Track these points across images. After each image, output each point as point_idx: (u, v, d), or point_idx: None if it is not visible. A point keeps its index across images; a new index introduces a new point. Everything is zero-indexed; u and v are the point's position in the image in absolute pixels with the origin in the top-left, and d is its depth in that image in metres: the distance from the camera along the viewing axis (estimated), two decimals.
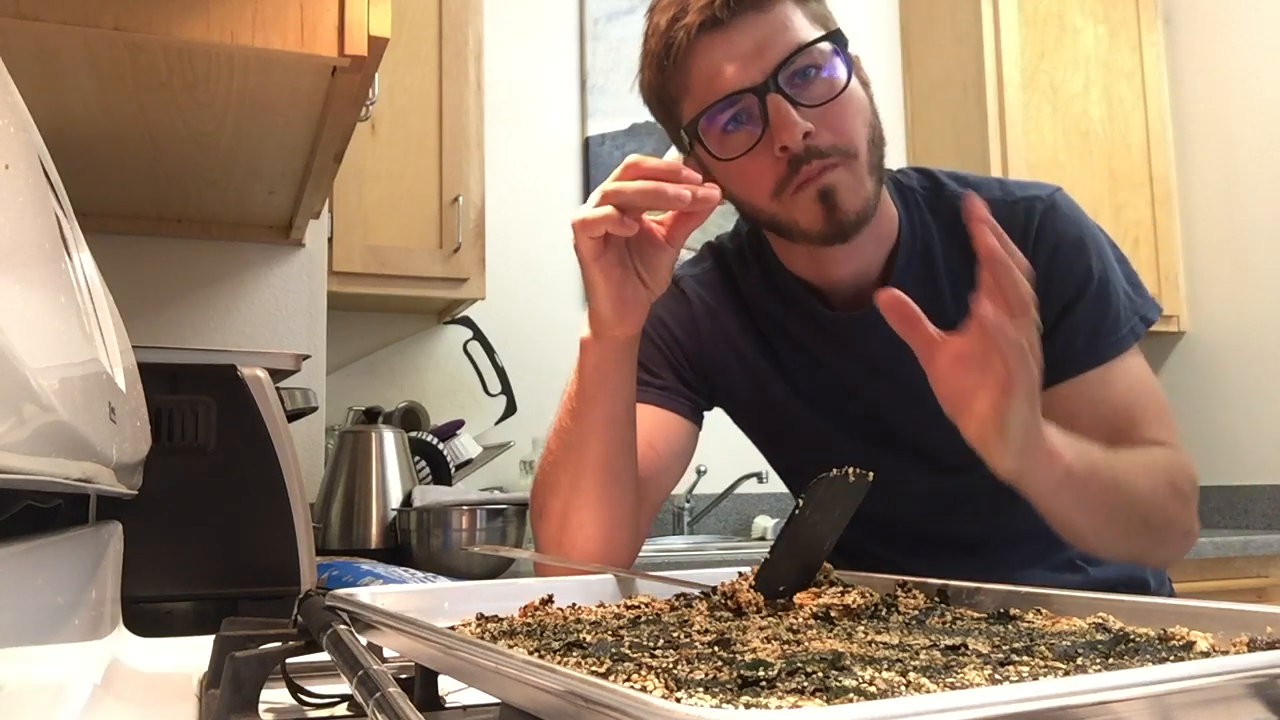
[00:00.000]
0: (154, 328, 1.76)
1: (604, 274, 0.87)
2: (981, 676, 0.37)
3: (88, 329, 0.54)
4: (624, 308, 0.89)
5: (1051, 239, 0.98)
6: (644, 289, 0.89)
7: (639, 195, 0.80)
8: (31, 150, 0.50)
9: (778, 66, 0.90)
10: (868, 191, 0.94)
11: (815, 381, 1.07)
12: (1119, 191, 2.89)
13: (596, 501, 0.94)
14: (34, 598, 0.50)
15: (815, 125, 0.90)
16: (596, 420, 0.93)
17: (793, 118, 0.89)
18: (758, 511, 2.69)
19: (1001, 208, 1.01)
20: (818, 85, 0.92)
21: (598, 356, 0.92)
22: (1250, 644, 0.42)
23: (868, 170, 0.94)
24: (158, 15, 0.99)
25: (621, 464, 0.95)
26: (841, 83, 0.92)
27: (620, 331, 0.91)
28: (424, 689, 0.50)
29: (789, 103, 0.90)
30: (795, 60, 0.91)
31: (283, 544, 1.03)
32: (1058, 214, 1.00)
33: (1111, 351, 0.97)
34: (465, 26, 2.26)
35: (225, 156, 1.39)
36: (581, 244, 0.86)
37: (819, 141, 0.91)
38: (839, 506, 0.60)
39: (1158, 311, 1.03)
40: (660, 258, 0.88)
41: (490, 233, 2.34)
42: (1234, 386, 2.81)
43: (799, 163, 0.91)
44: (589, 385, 0.93)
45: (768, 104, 0.90)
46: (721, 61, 0.92)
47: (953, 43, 2.88)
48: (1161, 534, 0.94)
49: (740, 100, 0.92)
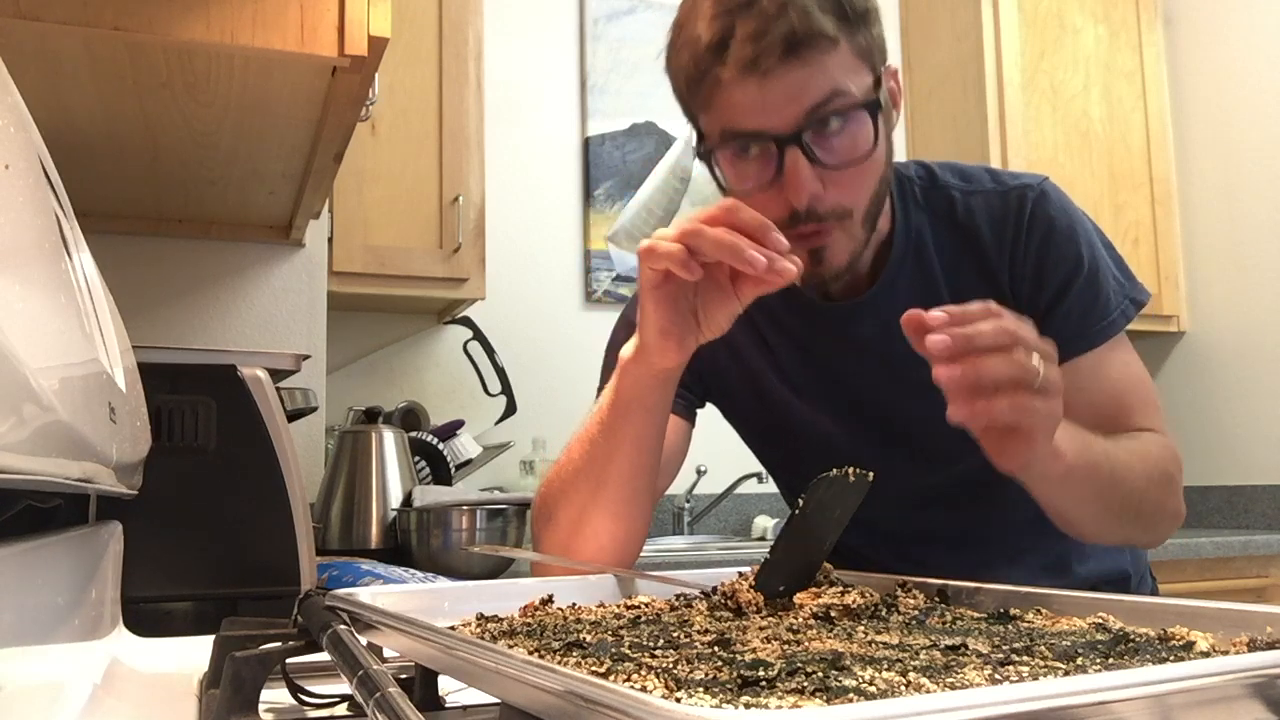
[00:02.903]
0: (154, 328, 1.76)
1: (656, 305, 0.84)
2: (981, 676, 0.37)
3: (88, 329, 0.54)
4: (669, 342, 0.85)
5: (1043, 226, 0.99)
6: (695, 329, 0.85)
7: (714, 247, 0.76)
8: (31, 150, 0.50)
9: (805, 122, 0.88)
10: (858, 243, 0.95)
11: (806, 371, 1.07)
12: (1119, 191, 2.89)
13: (612, 516, 0.93)
14: (34, 598, 0.50)
15: (826, 185, 0.90)
16: (625, 439, 0.92)
17: (804, 179, 0.88)
18: (758, 511, 2.69)
19: (994, 197, 1.02)
20: (842, 140, 0.90)
21: (633, 379, 0.90)
22: (1250, 644, 0.42)
23: (861, 222, 0.94)
24: (158, 15, 0.99)
25: (642, 483, 0.94)
26: (867, 143, 0.91)
27: (659, 361, 0.87)
28: (424, 689, 0.50)
29: (807, 159, 0.88)
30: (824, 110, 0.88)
31: (283, 544, 1.03)
32: (1048, 201, 1.01)
33: (1103, 335, 0.99)
34: (465, 26, 2.26)
35: (225, 156, 1.39)
36: (643, 270, 0.83)
37: (819, 205, 0.90)
38: (839, 506, 0.60)
39: (1147, 294, 1.04)
40: (722, 306, 0.84)
41: (490, 233, 2.34)
42: (1234, 386, 2.81)
43: (796, 220, 0.91)
44: (622, 404, 0.91)
45: (785, 156, 0.88)
46: (753, 102, 0.88)
47: (953, 42, 2.88)
48: (1153, 519, 0.97)
49: (759, 143, 0.90)
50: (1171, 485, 0.97)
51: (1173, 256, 2.93)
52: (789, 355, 1.08)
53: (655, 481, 0.97)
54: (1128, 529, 0.96)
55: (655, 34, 2.83)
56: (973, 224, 1.02)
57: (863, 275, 1.03)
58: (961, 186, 1.04)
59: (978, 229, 1.01)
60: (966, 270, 1.02)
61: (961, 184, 1.04)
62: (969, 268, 1.02)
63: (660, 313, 0.84)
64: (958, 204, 1.03)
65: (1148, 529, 0.98)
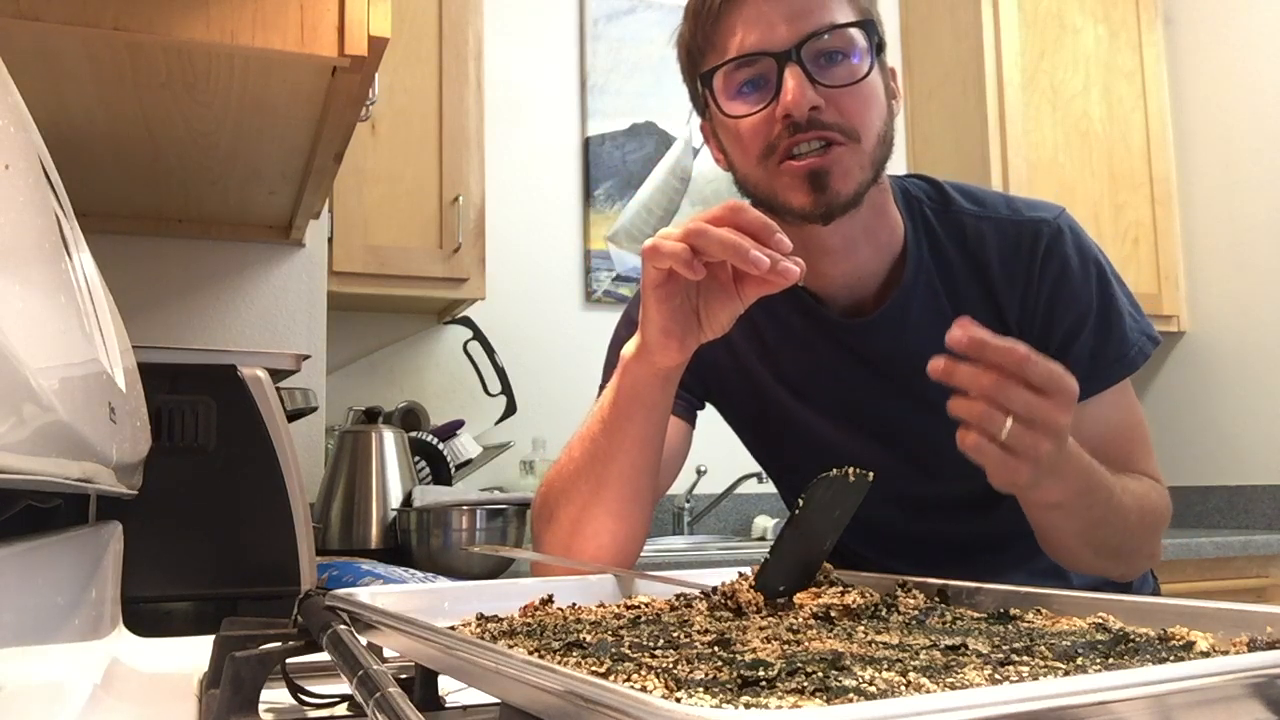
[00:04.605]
0: (154, 328, 1.75)
1: (659, 304, 0.84)
2: (981, 676, 0.37)
3: (88, 329, 0.54)
4: (670, 341, 0.85)
5: (1057, 266, 0.99)
6: (697, 329, 0.86)
7: (719, 246, 0.76)
8: (31, 150, 0.50)
9: (804, 39, 0.90)
10: (863, 177, 0.94)
11: (808, 377, 1.07)
12: (1119, 191, 2.89)
13: (613, 515, 0.93)
14: (34, 598, 0.50)
15: (825, 104, 0.91)
16: (627, 439, 0.92)
17: (803, 88, 0.90)
18: (758, 511, 2.69)
19: (1007, 226, 1.01)
20: (839, 69, 0.92)
21: (635, 377, 0.90)
22: (1250, 644, 0.42)
23: (869, 159, 0.94)
24: (158, 15, 0.99)
25: (644, 483, 0.94)
26: (863, 71, 0.93)
27: (660, 361, 0.87)
28: (424, 689, 0.50)
29: (806, 76, 0.90)
30: (822, 38, 0.91)
31: (283, 544, 1.02)
32: (1063, 239, 1.00)
33: (1119, 374, 0.99)
34: (465, 26, 2.26)
35: (225, 156, 1.39)
36: (646, 269, 0.83)
37: (824, 116, 0.91)
38: (839, 506, 0.60)
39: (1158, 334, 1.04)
40: (725, 306, 0.84)
41: (490, 233, 2.34)
42: (1234, 386, 2.81)
43: (796, 129, 0.91)
44: (624, 403, 0.91)
45: (784, 71, 0.90)
46: (752, 23, 0.92)
47: (953, 43, 2.88)
48: (1131, 559, 0.99)
49: (758, 62, 0.92)
50: (1157, 532, 0.99)
51: (1173, 256, 2.93)
52: (792, 361, 1.08)
53: (656, 481, 0.96)
54: (1105, 563, 0.97)
55: (655, 34, 2.84)
56: (983, 252, 1.01)
57: (871, 294, 1.03)
58: (974, 211, 1.03)
59: (988, 258, 1.01)
60: (973, 298, 1.01)
61: (974, 208, 1.03)
62: (976, 295, 1.01)
63: (662, 312, 0.84)
64: (969, 229, 1.02)
65: (1123, 565, 1.00)
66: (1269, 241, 2.75)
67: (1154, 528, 0.98)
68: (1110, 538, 0.92)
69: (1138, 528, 0.94)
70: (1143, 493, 0.96)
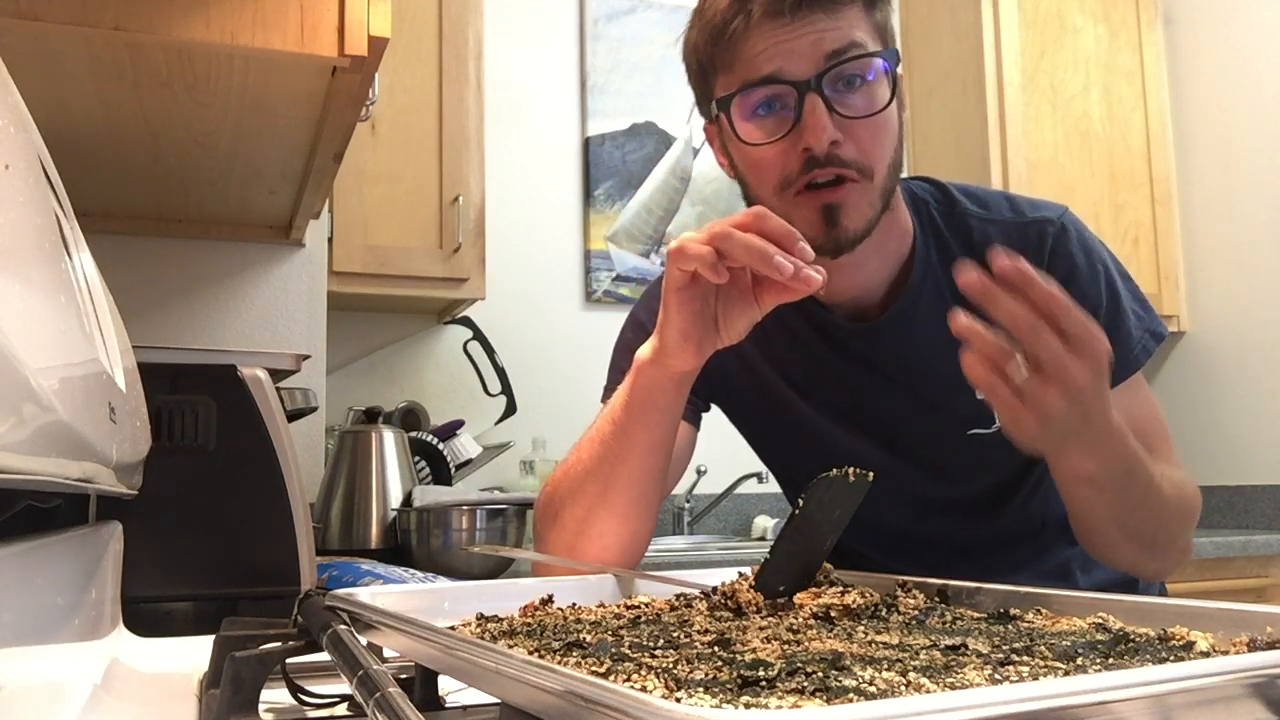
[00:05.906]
0: (154, 328, 1.75)
1: (679, 306, 0.84)
2: (981, 676, 0.37)
3: (88, 329, 0.54)
4: (687, 344, 0.86)
5: (1064, 266, 0.98)
6: (715, 333, 0.86)
7: (744, 251, 0.76)
8: (31, 150, 0.50)
9: (826, 68, 0.90)
10: (872, 214, 0.94)
11: (815, 380, 1.07)
12: (1119, 191, 2.89)
13: (619, 517, 0.93)
14: (34, 598, 0.50)
15: (844, 137, 0.90)
16: (638, 442, 0.92)
17: (825, 121, 0.89)
18: (758, 511, 2.69)
19: (1012, 228, 1.01)
20: (858, 96, 0.92)
21: (649, 380, 0.90)
22: (1250, 644, 0.42)
23: (879, 194, 0.94)
24: (158, 15, 0.99)
25: (651, 486, 0.94)
26: (883, 101, 0.92)
27: (676, 364, 0.87)
28: (424, 689, 0.50)
29: (826, 106, 0.89)
30: (844, 65, 0.90)
31: (283, 544, 1.02)
32: (1069, 238, 1.00)
33: (1126, 371, 0.98)
34: (465, 26, 2.26)
35: (225, 156, 1.39)
36: (670, 271, 0.83)
37: (843, 152, 0.90)
38: (839, 506, 0.60)
39: (1165, 327, 1.03)
40: (743, 312, 0.84)
41: (490, 233, 2.34)
42: (1234, 386, 2.81)
43: (814, 164, 0.90)
44: (636, 405, 0.91)
45: (805, 102, 0.90)
46: (773, 50, 0.91)
47: (953, 42, 2.88)
48: (1166, 549, 0.96)
49: (778, 89, 0.91)
50: (1190, 522, 0.97)
51: (1173, 256, 2.93)
52: (798, 364, 1.07)
53: (663, 484, 0.96)
54: (1139, 553, 0.94)
55: (655, 34, 2.84)
56: None
57: (878, 299, 1.02)
58: (979, 214, 1.03)
59: None
60: None
61: (979, 211, 1.03)
62: None
63: (684, 315, 0.84)
64: (975, 231, 1.02)
65: (1157, 558, 0.97)
66: (1269, 241, 2.75)
67: (1187, 517, 0.96)
68: (1146, 523, 0.90)
69: (1175, 517, 0.92)
70: (1180, 481, 0.94)
